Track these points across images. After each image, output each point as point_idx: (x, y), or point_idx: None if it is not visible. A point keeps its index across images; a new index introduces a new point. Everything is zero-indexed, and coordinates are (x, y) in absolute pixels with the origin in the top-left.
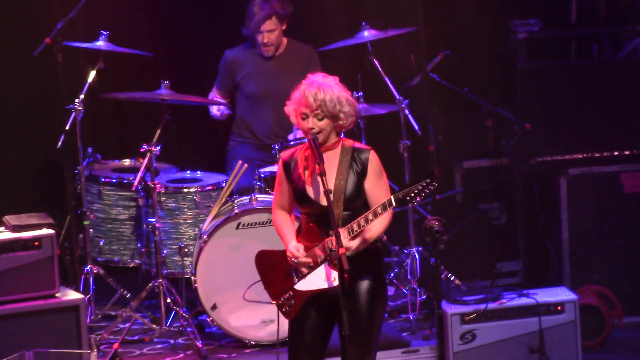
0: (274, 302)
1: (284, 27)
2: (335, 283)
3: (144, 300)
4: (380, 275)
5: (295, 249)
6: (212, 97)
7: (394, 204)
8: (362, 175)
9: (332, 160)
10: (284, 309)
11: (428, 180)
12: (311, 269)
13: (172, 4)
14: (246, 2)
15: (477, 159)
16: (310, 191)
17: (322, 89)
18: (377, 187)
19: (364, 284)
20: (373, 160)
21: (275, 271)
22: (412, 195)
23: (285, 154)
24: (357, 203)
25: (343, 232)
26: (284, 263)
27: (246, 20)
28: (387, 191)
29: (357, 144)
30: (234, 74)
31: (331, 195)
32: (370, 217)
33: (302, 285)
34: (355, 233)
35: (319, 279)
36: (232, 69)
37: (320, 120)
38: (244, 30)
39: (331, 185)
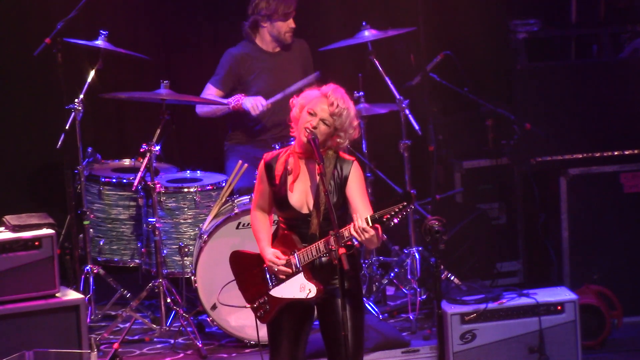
0: (248, 305)
1: None
2: (310, 295)
3: (144, 300)
4: (357, 277)
5: (274, 256)
6: (209, 95)
7: (369, 223)
8: (342, 185)
9: (315, 167)
10: (258, 313)
11: (405, 203)
12: (288, 276)
13: (172, 4)
14: (247, 2)
15: (477, 159)
16: (292, 197)
17: (345, 101)
18: (357, 197)
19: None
20: (355, 171)
21: (250, 274)
22: (389, 216)
23: (267, 156)
24: (335, 212)
25: (320, 245)
26: (258, 267)
27: (263, 11)
28: (366, 204)
29: (342, 154)
30: (241, 71)
31: (331, 196)
32: (346, 234)
33: (277, 292)
34: (330, 247)
35: (294, 289)
36: (240, 66)
37: (324, 125)
38: (261, 20)
39: (312, 194)
